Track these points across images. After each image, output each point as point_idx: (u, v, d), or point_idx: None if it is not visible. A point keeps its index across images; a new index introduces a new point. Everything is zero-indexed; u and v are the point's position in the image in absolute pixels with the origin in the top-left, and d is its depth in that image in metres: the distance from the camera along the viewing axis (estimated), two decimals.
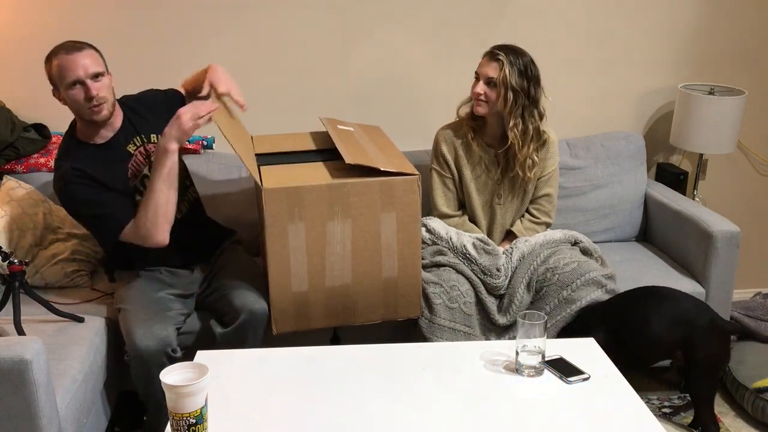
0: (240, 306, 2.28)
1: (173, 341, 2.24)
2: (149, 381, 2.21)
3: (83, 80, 2.21)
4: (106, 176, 2.30)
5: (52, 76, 2.25)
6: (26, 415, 1.85)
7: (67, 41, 2.25)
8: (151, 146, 2.42)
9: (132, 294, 2.38)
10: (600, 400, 1.80)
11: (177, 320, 2.35)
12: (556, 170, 2.73)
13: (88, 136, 2.35)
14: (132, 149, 2.39)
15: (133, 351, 2.19)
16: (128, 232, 2.28)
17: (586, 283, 2.42)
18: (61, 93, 2.25)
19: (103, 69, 2.27)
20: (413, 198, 2.29)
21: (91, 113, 2.25)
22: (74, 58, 2.19)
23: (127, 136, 2.39)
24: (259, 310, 2.28)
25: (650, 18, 3.21)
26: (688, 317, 2.29)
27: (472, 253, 2.54)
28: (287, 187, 2.20)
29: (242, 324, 2.26)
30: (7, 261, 2.22)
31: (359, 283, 2.32)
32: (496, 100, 2.52)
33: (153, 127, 2.44)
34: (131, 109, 2.46)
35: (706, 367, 2.29)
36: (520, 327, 1.86)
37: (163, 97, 2.56)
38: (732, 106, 3.07)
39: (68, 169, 2.27)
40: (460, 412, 1.75)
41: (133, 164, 2.38)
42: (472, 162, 2.66)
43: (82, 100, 2.22)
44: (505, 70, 2.48)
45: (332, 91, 3.14)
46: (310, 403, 1.78)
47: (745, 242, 2.79)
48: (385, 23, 3.09)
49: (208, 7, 2.99)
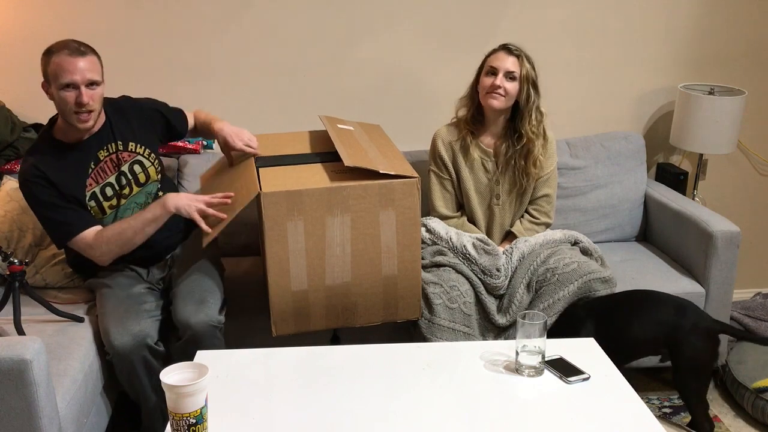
0: (180, 320, 2.24)
1: (151, 334, 2.24)
2: (133, 377, 2.23)
3: (78, 85, 2.19)
4: (66, 182, 2.29)
5: (47, 71, 2.21)
6: (26, 415, 1.85)
7: (72, 41, 2.23)
8: (124, 154, 2.39)
9: (105, 297, 2.37)
10: (600, 400, 1.80)
11: (152, 313, 2.32)
12: (554, 170, 2.73)
13: (64, 134, 2.33)
14: (102, 155, 2.36)
15: (111, 350, 2.20)
16: (79, 242, 2.30)
17: (585, 284, 2.42)
18: (52, 89, 2.22)
19: (99, 78, 2.26)
20: (412, 200, 2.28)
21: (77, 120, 2.24)
22: (75, 61, 2.18)
23: (102, 141, 2.36)
24: (198, 324, 2.22)
25: (650, 18, 3.21)
26: (670, 320, 2.29)
27: (472, 253, 2.54)
28: (286, 190, 2.20)
29: (189, 340, 2.23)
30: (7, 261, 2.22)
31: (359, 285, 2.32)
32: (517, 94, 2.55)
33: (134, 135, 2.42)
34: (120, 111, 2.43)
35: (692, 368, 2.28)
36: (520, 327, 1.86)
37: (162, 113, 2.55)
38: (732, 106, 3.07)
39: (31, 166, 2.27)
40: (460, 412, 1.75)
41: (99, 170, 2.36)
42: (470, 163, 2.66)
43: (71, 103, 2.20)
44: (526, 65, 2.52)
45: (333, 90, 3.13)
46: (310, 403, 1.78)
47: (745, 242, 2.79)
48: (385, 22, 3.09)
49: (208, 7, 2.99)
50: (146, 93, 2.59)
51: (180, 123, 2.59)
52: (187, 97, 2.61)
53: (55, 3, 2.92)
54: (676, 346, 2.28)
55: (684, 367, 2.28)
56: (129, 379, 2.26)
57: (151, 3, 2.96)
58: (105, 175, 2.37)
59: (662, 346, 2.30)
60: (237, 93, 3.08)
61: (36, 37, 2.92)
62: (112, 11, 2.96)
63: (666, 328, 2.28)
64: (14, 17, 2.93)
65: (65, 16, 2.93)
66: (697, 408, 2.32)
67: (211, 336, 2.25)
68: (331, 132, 2.45)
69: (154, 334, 2.26)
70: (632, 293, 2.44)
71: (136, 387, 2.27)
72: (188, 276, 2.40)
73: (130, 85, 2.72)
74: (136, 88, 2.58)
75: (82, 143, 2.33)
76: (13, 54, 2.95)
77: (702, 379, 2.32)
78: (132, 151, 2.41)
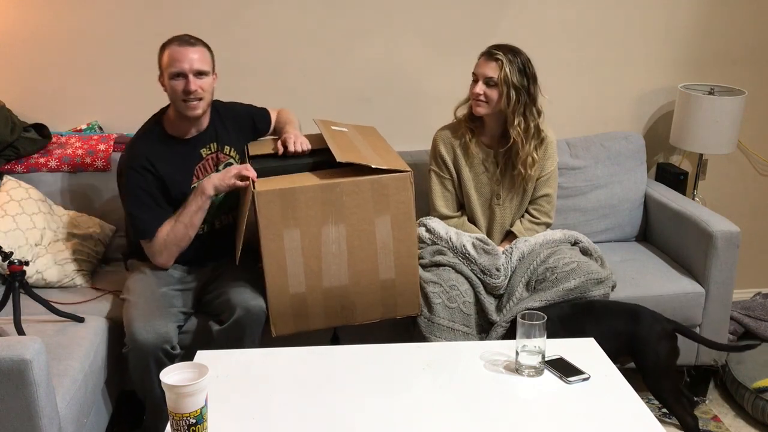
0: (236, 302, 2.29)
1: (173, 338, 2.26)
2: (145, 375, 2.24)
3: (186, 74, 2.30)
4: (174, 175, 2.38)
5: (161, 63, 2.35)
6: (26, 415, 1.85)
7: (184, 34, 2.35)
8: (221, 155, 2.49)
9: (138, 286, 2.41)
10: (600, 400, 1.81)
11: (178, 317, 2.37)
12: (555, 170, 2.73)
13: (174, 128, 2.42)
14: (205, 153, 2.46)
15: (132, 343, 2.22)
16: (149, 246, 2.40)
17: (582, 283, 2.42)
18: (165, 80, 2.34)
19: (208, 69, 2.36)
20: (407, 195, 2.29)
21: (185, 107, 2.34)
22: (185, 51, 2.30)
23: (205, 139, 2.47)
24: (255, 306, 2.29)
25: (650, 18, 3.21)
26: (625, 330, 2.29)
27: (472, 253, 2.53)
28: (279, 189, 2.21)
29: (238, 320, 2.26)
30: (7, 261, 2.23)
31: (357, 282, 2.32)
32: (498, 99, 2.52)
33: (229, 138, 2.53)
34: (219, 115, 2.53)
35: (658, 370, 2.29)
36: (520, 327, 1.86)
37: (251, 116, 2.65)
38: (732, 106, 3.07)
39: (141, 156, 2.35)
40: (459, 412, 1.75)
41: (201, 167, 2.45)
42: (470, 163, 2.66)
43: (180, 92, 2.31)
44: (505, 69, 2.48)
45: (331, 91, 3.14)
46: (310, 403, 1.78)
47: (745, 242, 2.79)
48: (384, 23, 3.09)
49: (207, 7, 2.99)
50: (147, 92, 2.59)
51: (264, 124, 2.69)
52: None
53: (55, 3, 2.92)
54: (638, 353, 2.29)
55: (651, 371, 2.29)
56: (141, 375, 2.27)
57: (151, 3, 2.96)
58: (205, 172, 2.45)
59: (622, 355, 2.30)
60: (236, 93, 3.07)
61: (36, 37, 2.94)
62: (112, 12, 2.95)
63: (624, 338, 2.29)
64: (14, 17, 2.93)
65: (65, 16, 2.93)
66: (675, 406, 2.32)
67: (259, 324, 2.30)
68: (325, 133, 2.45)
69: (175, 338, 2.29)
70: (591, 304, 2.43)
71: (146, 384, 2.28)
72: (240, 274, 2.43)
73: (130, 84, 2.74)
74: (136, 87, 2.59)
75: (189, 139, 2.43)
76: (13, 54, 2.95)
77: (671, 377, 2.32)
78: (226, 154, 2.52)
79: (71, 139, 2.92)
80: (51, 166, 2.85)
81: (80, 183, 2.87)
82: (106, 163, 2.87)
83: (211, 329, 2.33)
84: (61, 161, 2.86)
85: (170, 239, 2.38)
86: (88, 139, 2.92)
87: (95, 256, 2.77)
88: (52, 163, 2.85)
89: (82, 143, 2.90)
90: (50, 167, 2.85)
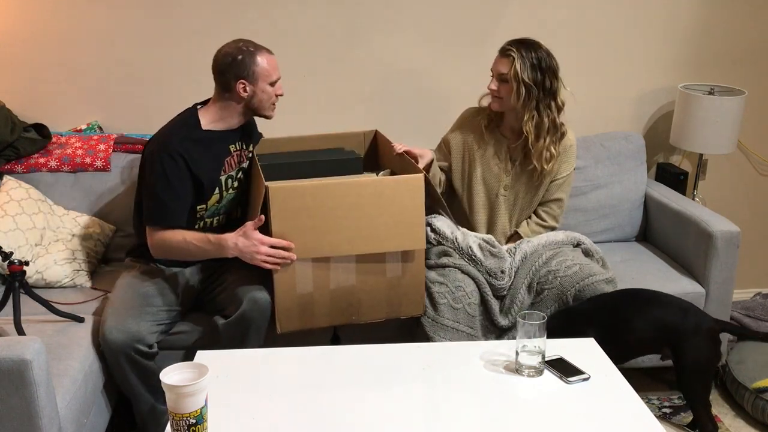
0: (242, 295, 2.29)
1: (145, 337, 2.27)
2: (120, 373, 2.28)
3: (278, 80, 2.43)
4: (205, 162, 2.39)
5: (255, 70, 2.36)
6: (26, 415, 1.85)
7: (256, 43, 2.40)
8: (245, 152, 2.55)
9: (120, 284, 2.44)
10: (600, 400, 1.81)
11: (158, 316, 2.36)
12: (570, 175, 2.70)
13: (213, 123, 2.44)
14: (233, 149, 2.49)
15: (103, 342, 2.26)
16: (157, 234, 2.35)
17: (586, 287, 2.42)
18: (255, 85, 2.37)
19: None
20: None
21: (272, 109, 2.46)
22: (275, 60, 2.42)
23: (235, 137, 2.50)
24: (261, 299, 2.29)
25: (650, 18, 3.21)
26: (672, 322, 2.28)
27: (478, 254, 2.52)
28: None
29: (244, 313, 2.26)
30: (7, 261, 2.23)
31: (363, 282, 2.33)
32: (509, 95, 2.52)
33: (251, 140, 2.59)
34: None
35: (696, 370, 2.28)
36: (520, 327, 1.86)
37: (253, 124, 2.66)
38: (732, 106, 3.07)
39: (175, 143, 2.35)
40: (459, 412, 1.75)
41: (228, 162, 2.47)
42: (483, 148, 2.65)
43: (273, 96, 2.43)
44: (515, 66, 2.48)
45: (335, 91, 3.14)
46: (310, 403, 1.78)
47: (745, 242, 2.79)
48: (388, 23, 3.09)
49: (208, 7, 2.99)
50: (147, 92, 2.60)
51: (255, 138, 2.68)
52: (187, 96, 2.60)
53: (55, 3, 2.92)
54: (679, 348, 2.27)
55: (688, 369, 2.28)
56: (118, 374, 2.30)
57: (151, 3, 2.96)
58: (230, 168, 2.49)
59: (664, 347, 2.30)
60: None
61: (36, 37, 2.94)
62: (112, 13, 2.95)
63: (669, 331, 2.27)
64: (14, 17, 2.93)
65: (65, 16, 2.93)
66: (702, 410, 2.31)
67: (265, 317, 2.29)
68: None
69: (151, 339, 2.29)
70: (636, 292, 2.42)
71: (125, 384, 2.32)
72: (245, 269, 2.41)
73: (130, 85, 2.74)
74: (136, 87, 2.59)
75: (221, 133, 2.46)
76: (13, 54, 2.95)
77: (706, 381, 2.32)
78: (249, 151, 2.58)
79: (71, 139, 2.92)
80: (51, 166, 2.85)
81: (80, 183, 2.87)
82: (106, 163, 2.87)
83: (217, 324, 2.33)
84: (61, 161, 2.86)
85: (172, 248, 2.35)
86: (88, 139, 2.92)
87: (95, 256, 2.77)
88: (52, 163, 2.85)
89: (82, 143, 2.90)
90: (50, 167, 2.85)
